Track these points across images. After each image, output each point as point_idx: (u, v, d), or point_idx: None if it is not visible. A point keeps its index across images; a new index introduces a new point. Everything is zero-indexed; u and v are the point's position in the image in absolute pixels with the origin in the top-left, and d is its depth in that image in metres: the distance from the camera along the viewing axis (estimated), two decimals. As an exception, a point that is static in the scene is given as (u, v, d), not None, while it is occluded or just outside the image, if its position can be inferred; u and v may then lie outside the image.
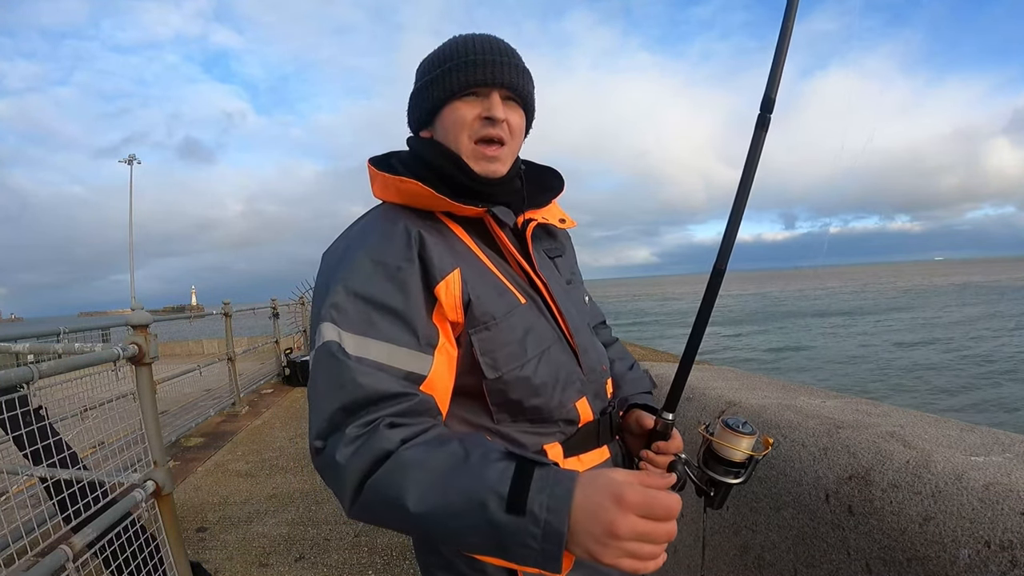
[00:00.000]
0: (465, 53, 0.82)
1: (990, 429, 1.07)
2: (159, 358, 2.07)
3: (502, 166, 0.84)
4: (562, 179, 0.98)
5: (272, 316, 8.28)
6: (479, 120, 0.81)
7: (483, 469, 0.61)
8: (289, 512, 3.34)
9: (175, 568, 2.05)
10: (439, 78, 0.82)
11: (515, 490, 0.59)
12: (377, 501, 0.65)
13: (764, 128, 0.79)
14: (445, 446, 0.65)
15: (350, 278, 0.74)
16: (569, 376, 0.84)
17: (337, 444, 0.67)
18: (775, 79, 0.77)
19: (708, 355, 18.91)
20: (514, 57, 0.84)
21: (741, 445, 0.85)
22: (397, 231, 0.77)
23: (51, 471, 1.82)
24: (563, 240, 1.02)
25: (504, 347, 0.78)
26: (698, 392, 1.75)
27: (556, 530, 0.57)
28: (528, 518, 0.58)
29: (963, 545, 0.80)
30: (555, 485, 0.59)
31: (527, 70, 0.85)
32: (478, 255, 0.82)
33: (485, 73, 0.81)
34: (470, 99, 0.82)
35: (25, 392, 1.72)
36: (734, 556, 1.37)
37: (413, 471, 0.63)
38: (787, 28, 0.76)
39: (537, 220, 0.91)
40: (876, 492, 0.96)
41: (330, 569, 2.65)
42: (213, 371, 5.87)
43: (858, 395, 1.07)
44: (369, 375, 0.69)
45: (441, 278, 0.74)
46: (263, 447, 4.78)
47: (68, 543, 1.53)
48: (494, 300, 0.78)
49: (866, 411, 1.30)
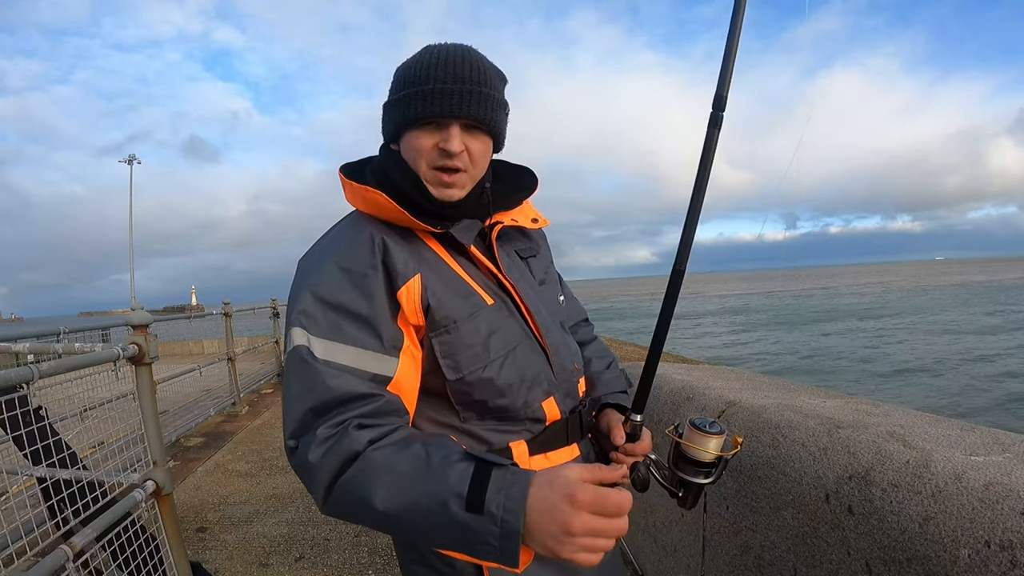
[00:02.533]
0: (424, 79, 0.78)
1: (990, 429, 1.07)
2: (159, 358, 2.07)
3: (459, 191, 0.83)
4: (535, 178, 0.97)
5: (272, 316, 8.28)
6: (436, 150, 0.80)
7: (444, 471, 0.65)
8: (289, 512, 3.34)
9: (175, 568, 2.05)
10: (400, 103, 0.81)
11: (473, 490, 0.63)
12: (347, 500, 0.69)
13: (717, 127, 0.78)
14: (409, 448, 0.69)
15: (318, 285, 0.77)
16: (536, 376, 0.85)
17: (309, 444, 0.70)
18: (726, 76, 0.77)
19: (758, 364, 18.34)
20: (477, 83, 0.79)
21: (709, 446, 0.85)
22: (363, 239, 0.79)
23: (51, 471, 1.82)
24: (537, 240, 1.02)
25: (466, 349, 0.79)
26: (698, 392, 1.75)
27: (512, 528, 0.61)
28: (487, 517, 0.61)
29: (963, 545, 0.80)
30: (511, 486, 0.62)
31: (492, 95, 0.81)
32: (444, 259, 0.83)
33: (443, 105, 0.78)
34: (429, 128, 0.80)
35: (25, 392, 1.72)
36: (734, 556, 1.37)
37: (379, 473, 0.67)
38: (736, 25, 0.76)
39: (504, 223, 0.91)
40: (876, 492, 0.96)
41: (330, 569, 2.65)
42: (213, 371, 5.86)
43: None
44: (337, 377, 0.72)
45: (403, 283, 0.77)
46: (263, 447, 4.78)
47: (68, 543, 1.53)
48: (456, 304, 0.79)
49: (866, 411, 1.30)
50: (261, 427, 5.50)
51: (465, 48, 0.82)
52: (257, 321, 9.78)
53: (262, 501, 3.54)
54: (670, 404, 1.84)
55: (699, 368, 2.33)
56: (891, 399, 6.68)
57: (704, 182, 0.79)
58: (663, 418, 1.85)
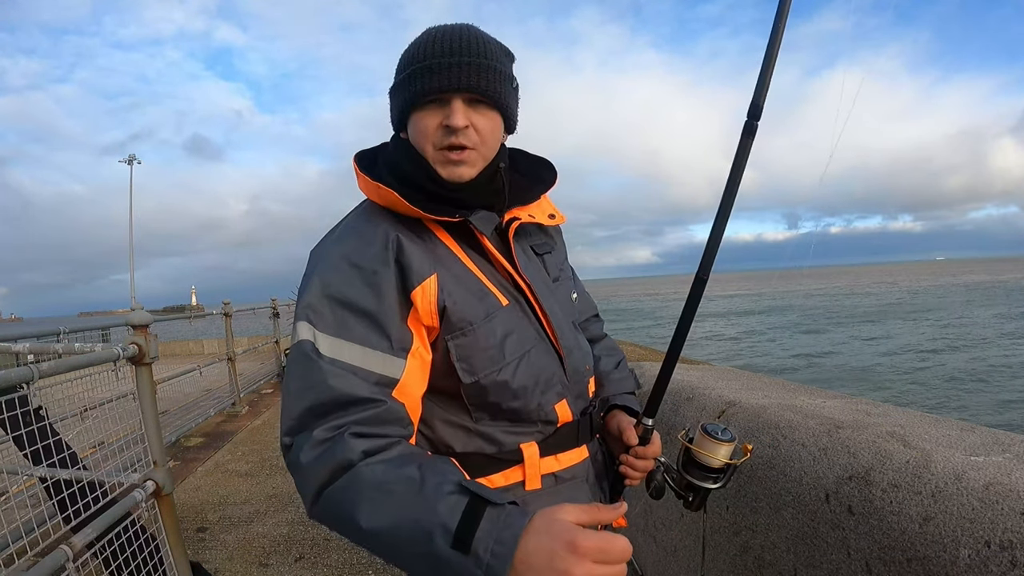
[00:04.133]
0: (424, 56, 0.76)
1: (990, 429, 1.07)
2: (159, 358, 2.07)
3: (469, 169, 0.80)
4: (555, 172, 0.95)
5: (272, 316, 8.28)
6: (440, 129, 0.77)
7: (436, 500, 0.61)
8: (289, 512, 3.34)
9: (175, 568, 2.05)
10: (402, 84, 0.79)
11: (462, 527, 0.59)
12: (332, 512, 0.67)
13: (751, 136, 0.76)
14: (403, 468, 0.66)
15: (327, 279, 0.75)
16: (550, 379, 0.83)
17: (303, 445, 0.68)
18: (764, 84, 0.74)
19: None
20: (478, 55, 0.76)
21: (719, 453, 0.85)
22: (376, 234, 0.77)
23: (51, 471, 1.82)
24: (553, 235, 0.99)
25: (482, 352, 0.77)
26: (698, 392, 1.75)
27: (497, 575, 0.57)
28: (471, 558, 0.57)
29: (963, 545, 0.80)
30: (503, 529, 0.59)
31: (496, 66, 0.78)
32: (460, 258, 0.81)
33: (442, 79, 0.75)
34: (431, 107, 0.77)
35: (25, 392, 1.72)
36: (734, 556, 1.37)
37: (368, 490, 0.64)
38: (778, 29, 0.74)
39: (521, 219, 0.88)
40: (876, 492, 0.96)
41: (330, 569, 2.65)
42: (213, 371, 5.86)
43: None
44: (340, 377, 0.70)
45: (418, 283, 0.74)
46: (263, 447, 4.77)
47: (68, 543, 1.53)
48: (472, 305, 0.77)
49: (866, 411, 1.30)
50: (261, 427, 5.50)
51: (465, 25, 0.80)
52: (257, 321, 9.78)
53: (262, 501, 3.54)
54: (670, 403, 1.84)
55: (699, 368, 2.33)
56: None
57: (733, 193, 0.76)
58: (663, 417, 1.85)
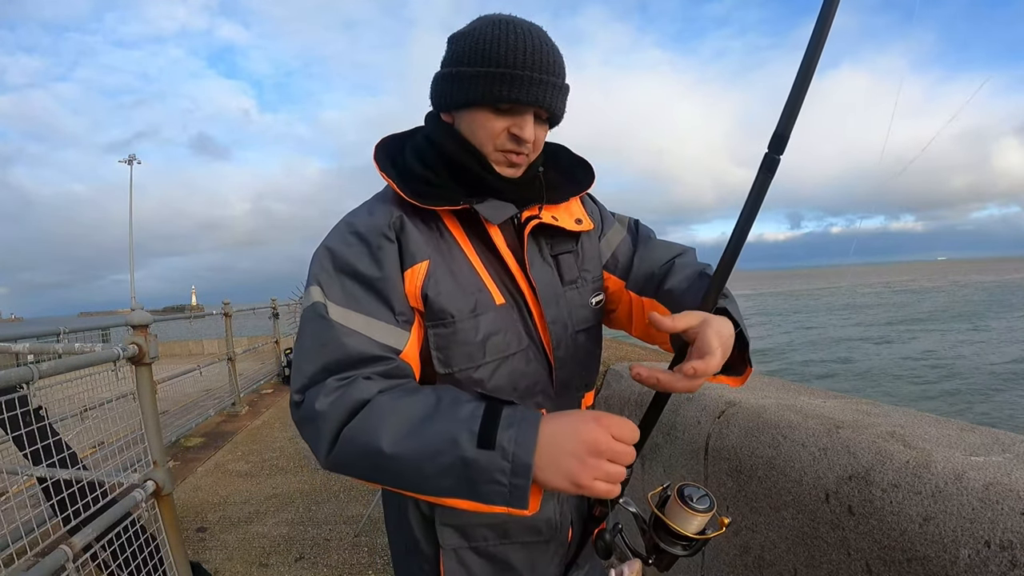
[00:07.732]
0: (513, 63, 0.75)
1: (990, 429, 1.07)
2: (159, 358, 2.07)
3: (520, 171, 0.83)
4: (592, 175, 0.94)
5: (272, 316, 8.28)
6: (506, 133, 0.78)
7: (455, 410, 0.65)
8: (289, 512, 3.34)
9: (175, 568, 2.05)
10: (477, 79, 0.76)
11: (485, 426, 0.62)
12: (352, 449, 0.67)
13: (771, 172, 0.67)
14: (419, 392, 0.69)
15: (336, 249, 0.78)
16: (532, 387, 0.82)
17: (317, 395, 0.70)
18: (793, 113, 0.65)
19: None
20: (557, 75, 0.78)
21: (691, 526, 0.73)
22: (384, 211, 0.80)
23: (51, 471, 1.82)
24: (582, 239, 0.93)
25: (460, 347, 0.78)
26: (698, 392, 1.75)
27: (524, 463, 0.60)
28: (498, 451, 0.61)
29: (963, 545, 0.80)
30: (522, 420, 0.63)
31: (566, 87, 0.80)
32: (464, 249, 0.81)
33: (527, 94, 0.75)
34: (503, 111, 0.77)
35: (25, 392, 1.72)
36: (734, 556, 1.37)
37: (388, 416, 0.66)
38: (816, 49, 0.63)
39: (542, 219, 0.85)
40: (876, 492, 0.96)
41: (330, 569, 2.65)
42: (213, 371, 5.86)
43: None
44: (352, 336, 0.73)
45: (410, 265, 0.77)
46: (263, 447, 4.77)
47: (68, 543, 1.53)
48: (457, 299, 0.77)
49: (866, 411, 1.29)
50: (261, 427, 5.49)
51: (541, 32, 0.79)
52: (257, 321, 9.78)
53: (262, 501, 3.54)
54: (670, 403, 1.84)
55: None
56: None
57: (745, 232, 0.69)
58: (663, 418, 1.85)
